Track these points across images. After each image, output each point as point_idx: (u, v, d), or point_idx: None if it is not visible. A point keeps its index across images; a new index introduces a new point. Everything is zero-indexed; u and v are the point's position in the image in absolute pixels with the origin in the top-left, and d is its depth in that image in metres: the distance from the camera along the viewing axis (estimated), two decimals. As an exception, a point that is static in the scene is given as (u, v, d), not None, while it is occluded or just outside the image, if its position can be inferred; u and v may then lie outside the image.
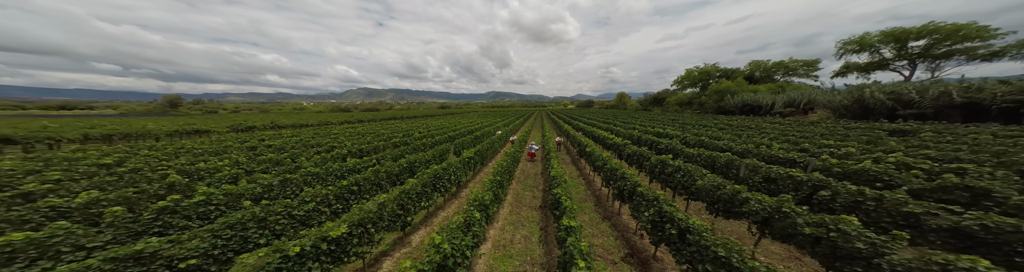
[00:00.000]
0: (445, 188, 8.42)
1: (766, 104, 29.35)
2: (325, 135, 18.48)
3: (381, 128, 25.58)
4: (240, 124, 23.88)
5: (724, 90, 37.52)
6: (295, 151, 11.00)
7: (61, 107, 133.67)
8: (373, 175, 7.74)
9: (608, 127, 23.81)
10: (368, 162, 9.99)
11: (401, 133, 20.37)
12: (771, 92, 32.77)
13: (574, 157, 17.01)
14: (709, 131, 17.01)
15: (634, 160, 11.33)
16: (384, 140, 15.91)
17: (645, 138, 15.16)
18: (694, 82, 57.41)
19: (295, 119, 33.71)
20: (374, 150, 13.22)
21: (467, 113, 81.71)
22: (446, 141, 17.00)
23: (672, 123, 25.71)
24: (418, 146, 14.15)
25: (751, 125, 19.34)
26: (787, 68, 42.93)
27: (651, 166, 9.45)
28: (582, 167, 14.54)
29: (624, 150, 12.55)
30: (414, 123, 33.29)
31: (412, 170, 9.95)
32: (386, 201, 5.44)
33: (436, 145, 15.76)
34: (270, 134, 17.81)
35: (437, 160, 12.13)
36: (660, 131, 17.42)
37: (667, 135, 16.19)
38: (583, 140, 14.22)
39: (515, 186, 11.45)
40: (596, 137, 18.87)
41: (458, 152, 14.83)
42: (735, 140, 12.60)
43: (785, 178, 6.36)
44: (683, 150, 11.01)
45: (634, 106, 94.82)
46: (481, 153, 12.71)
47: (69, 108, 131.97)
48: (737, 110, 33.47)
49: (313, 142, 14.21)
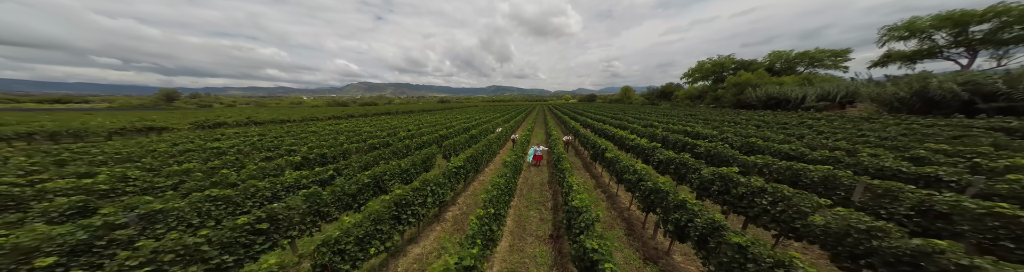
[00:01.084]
0: (417, 216, 5.91)
1: (795, 97, 26.42)
2: (296, 134, 15.94)
3: (367, 125, 23.00)
4: (206, 120, 21.30)
5: (744, 83, 34.45)
6: (230, 157, 8.46)
7: (56, 101, 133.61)
8: (307, 200, 5.22)
9: (621, 124, 21.15)
10: (321, 174, 7.48)
11: (387, 131, 17.81)
12: (797, 84, 29.83)
13: (586, 161, 14.46)
14: (747, 129, 14.34)
15: (670, 169, 8.77)
16: (360, 141, 13.36)
17: (673, 139, 12.54)
18: (706, 75, 54.18)
19: (276, 114, 31.14)
20: (342, 154, 10.69)
21: (466, 108, 78.83)
22: (435, 142, 14.46)
23: (692, 119, 23.00)
24: (400, 149, 11.61)
25: (789, 122, 16.64)
26: (813, 59, 39.48)
27: (702, 181, 6.90)
28: (598, 174, 12.00)
29: (654, 155, 9.97)
30: (407, 119, 30.68)
31: (380, 186, 7.43)
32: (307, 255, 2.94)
33: (423, 147, 13.23)
34: (231, 133, 15.30)
35: (420, 168, 9.61)
36: (687, 130, 14.78)
37: (699, 135, 13.55)
38: (599, 142, 11.64)
39: (517, 202, 8.97)
40: (610, 136, 16.27)
41: (450, 155, 12.32)
42: (792, 141, 9.98)
43: (983, 215, 3.79)
44: (736, 157, 8.41)
45: (639, 100, 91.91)
46: (475, 159, 10.18)
47: (65, 102, 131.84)
48: (759, 104, 30.57)
49: (271, 144, 11.67)
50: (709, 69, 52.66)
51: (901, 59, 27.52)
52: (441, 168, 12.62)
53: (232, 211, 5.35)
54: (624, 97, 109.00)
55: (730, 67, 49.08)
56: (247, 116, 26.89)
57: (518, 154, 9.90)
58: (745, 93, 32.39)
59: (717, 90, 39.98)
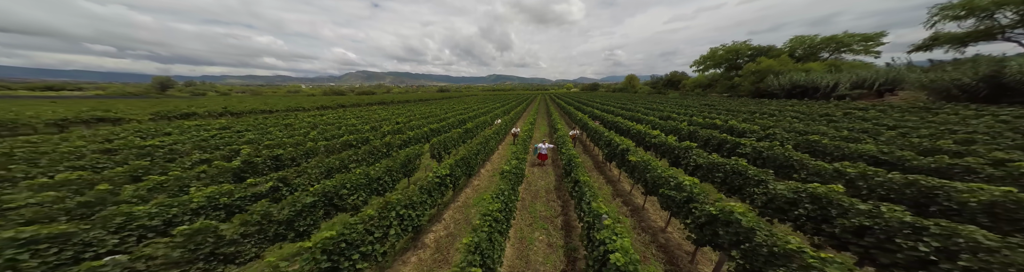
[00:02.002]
0: (373, 258, 4.02)
1: (825, 85, 23.91)
2: (266, 127, 13.93)
3: (354, 116, 20.93)
4: (171, 111, 19.12)
5: (765, 70, 31.73)
6: (142, 163, 6.51)
7: (48, 88, 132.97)
8: (189, 242, 3.31)
9: (634, 115, 19.03)
10: (256, 186, 5.56)
11: (373, 124, 15.78)
12: (825, 71, 27.17)
13: (598, 160, 12.52)
14: (787, 122, 12.24)
15: (715, 177, 6.82)
16: (334, 137, 11.36)
17: (705, 135, 10.50)
18: (719, 62, 51.01)
19: (259, 104, 28.86)
20: (306, 155, 8.74)
21: (465, 97, 76.02)
22: (424, 138, 12.46)
23: (711, 110, 20.83)
24: (379, 148, 9.64)
25: (830, 112, 14.49)
26: (840, 44, 36.15)
27: (776, 200, 4.97)
28: (615, 178, 10.07)
29: (687, 157, 7.99)
30: (399, 109, 28.51)
31: (334, 203, 5.53)
32: None
33: (408, 145, 11.25)
34: (191, 125, 13.28)
35: (399, 172, 7.68)
36: (716, 123, 12.69)
37: (733, 129, 11.48)
38: (615, 139, 9.63)
39: (518, 217, 7.13)
40: (624, 131, 14.22)
41: (440, 154, 10.36)
42: (864, 139, 7.94)
43: None
44: (806, 163, 6.42)
45: (644, 89, 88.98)
46: (467, 162, 8.23)
47: (57, 89, 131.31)
48: (782, 93, 28.08)
49: (221, 141, 9.69)
50: (722, 56, 49.41)
51: (951, 42, 24.57)
52: (428, 171, 10.75)
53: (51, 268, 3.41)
54: (628, 86, 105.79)
55: (746, 54, 45.81)
56: (224, 106, 24.70)
57: (519, 157, 7.93)
58: (765, 81, 29.79)
59: (733, 78, 37.26)
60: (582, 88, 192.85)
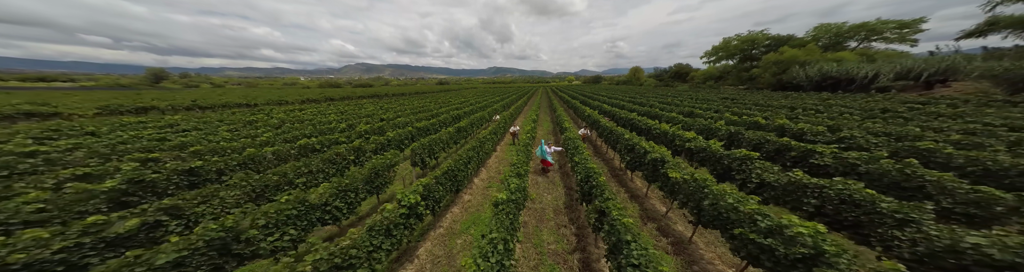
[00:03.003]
0: None
1: (862, 76, 21.44)
2: (223, 124, 11.82)
3: (337, 111, 18.78)
4: (121, 105, 16.66)
5: (789, 60, 29.05)
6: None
7: (40, 79, 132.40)
8: None
9: (649, 111, 16.83)
10: (117, 223, 3.53)
11: (350, 121, 13.66)
12: (859, 61, 24.57)
13: (614, 166, 10.43)
14: (867, 123, 10.00)
15: (808, 205, 4.77)
16: (292, 139, 9.26)
17: (752, 138, 8.37)
18: (733, 53, 48.02)
19: (236, 97, 26.51)
20: (241, 166, 6.67)
21: (464, 90, 73.28)
22: (408, 139, 10.35)
23: (737, 104, 18.56)
24: (343, 155, 7.56)
25: (889, 107, 12.25)
26: (872, 31, 33.16)
27: (929, 254, 2.91)
28: (642, 193, 8.00)
29: (747, 171, 5.91)
30: (391, 103, 26.27)
31: (232, 251, 3.50)
32: None
33: (384, 149, 9.16)
34: (133, 122, 11.18)
35: (363, 191, 5.62)
36: (759, 121, 10.52)
37: (788, 131, 9.31)
38: (642, 145, 7.53)
39: (520, 251, 5.16)
40: (641, 129, 12.07)
41: (424, 160, 8.30)
42: (990, 145, 5.83)
43: None
44: (963, 190, 4.34)
45: (650, 82, 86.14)
46: (453, 175, 6.16)
47: (48, 80, 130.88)
48: (809, 85, 25.58)
49: (145, 145, 7.61)
50: (737, 46, 46.38)
51: (1011, 26, 21.66)
52: (404, 182, 8.65)
53: None
54: (633, 78, 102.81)
55: (763, 44, 42.76)
56: (195, 98, 22.43)
57: (519, 171, 5.85)
58: (789, 72, 27.27)
59: (750, 69, 34.59)
60: (584, 81, 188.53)
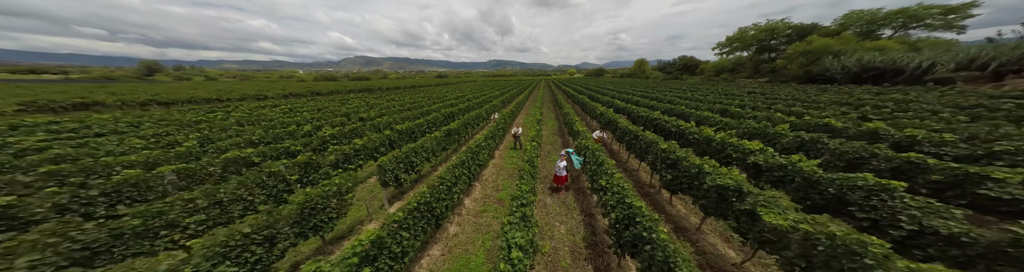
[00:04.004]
0: None
1: (913, 67, 18.81)
2: (150, 126, 9.59)
3: (313, 109, 16.48)
4: (53, 101, 13.82)
5: (819, 50, 26.30)
6: None
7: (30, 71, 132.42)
8: None
9: (672, 109, 14.50)
10: None
11: (321, 121, 11.42)
12: (905, 50, 21.87)
13: (641, 181, 8.24)
14: (1003, 127, 7.70)
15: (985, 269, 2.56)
16: (220, 149, 7.03)
17: (847, 152, 6.12)
18: (749, 44, 44.92)
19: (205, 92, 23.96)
20: (110, 195, 4.48)
21: (462, 83, 70.29)
22: (386, 145, 8.13)
23: (769, 99, 16.16)
24: (279, 174, 5.36)
25: (986, 104, 9.92)
26: (912, 18, 30.16)
27: None
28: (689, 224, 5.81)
29: (894, 210, 3.71)
30: (380, 99, 23.90)
31: None
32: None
33: (350, 161, 6.96)
34: (41, 122, 8.98)
35: (282, 240, 3.46)
36: (831, 123, 8.24)
37: (881, 137, 7.03)
38: (693, 161, 5.35)
39: None
40: (670, 132, 9.78)
41: (396, 178, 6.14)
42: None
43: None
44: None
45: (656, 75, 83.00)
46: (429, 209, 3.98)
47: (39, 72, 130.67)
48: (845, 77, 22.90)
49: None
50: (754, 36, 43.22)
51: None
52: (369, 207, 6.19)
53: None
54: (638, 71, 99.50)
55: (783, 33, 39.62)
56: (155, 93, 19.98)
57: (524, 218, 3.67)
58: (819, 63, 24.59)
59: (771, 61, 31.80)
60: (586, 74, 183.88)
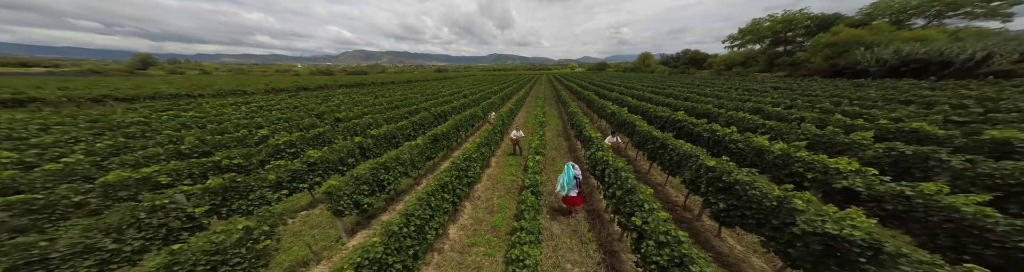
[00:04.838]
0: None
1: (965, 58, 16.74)
2: (64, 128, 7.90)
3: (285, 107, 14.75)
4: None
5: (848, 42, 24.18)
6: None
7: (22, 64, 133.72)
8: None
9: (694, 107, 12.72)
10: None
11: (286, 123, 9.72)
12: (950, 40, 19.80)
13: (674, 204, 6.54)
14: None
15: None
16: (128, 164, 5.36)
17: (963, 168, 4.42)
18: (763, 36, 42.55)
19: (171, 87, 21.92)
20: None
21: (460, 78, 68.05)
22: (350, 158, 6.45)
23: (802, 97, 14.34)
24: (162, 210, 3.68)
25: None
26: (950, 5, 27.69)
27: None
28: (741, 258, 4.16)
29: None
30: (369, 95, 22.09)
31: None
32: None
33: (293, 180, 5.28)
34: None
35: None
36: (927, 130, 6.52)
37: (1004, 149, 5.31)
38: (770, 192, 3.63)
39: None
40: (701, 137, 8.04)
41: (355, 204, 4.51)
42: None
43: None
44: None
45: (662, 69, 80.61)
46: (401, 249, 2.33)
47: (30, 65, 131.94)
48: (879, 70, 20.88)
49: None
50: (769, 28, 40.78)
51: None
52: (315, 242, 4.37)
53: None
54: (642, 65, 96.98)
55: (802, 24, 37.23)
56: (114, 88, 18.19)
57: None
58: (847, 56, 22.56)
59: (790, 54, 29.67)
60: (588, 68, 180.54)
